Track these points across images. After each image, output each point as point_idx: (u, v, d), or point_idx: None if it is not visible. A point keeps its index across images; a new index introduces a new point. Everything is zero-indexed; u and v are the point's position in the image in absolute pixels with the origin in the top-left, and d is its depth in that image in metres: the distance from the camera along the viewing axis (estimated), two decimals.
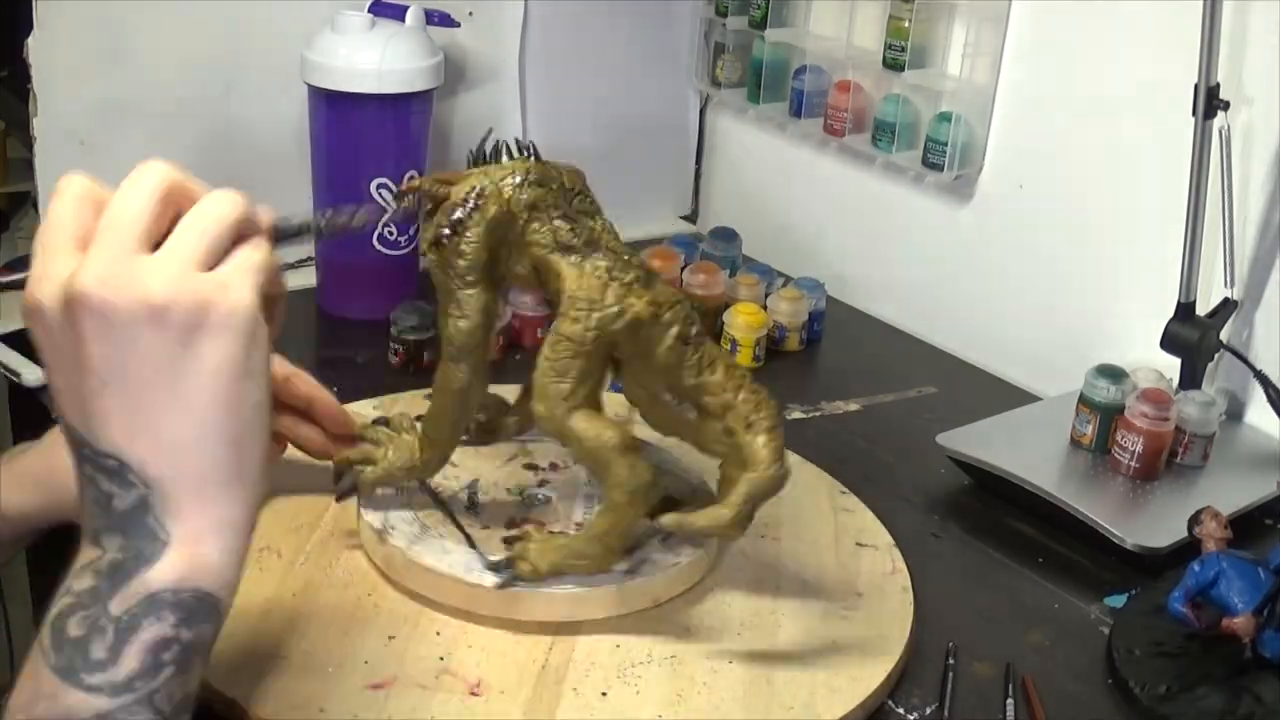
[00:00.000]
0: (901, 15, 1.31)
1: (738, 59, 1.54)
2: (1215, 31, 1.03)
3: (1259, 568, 0.84)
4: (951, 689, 0.83)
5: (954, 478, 1.08)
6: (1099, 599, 0.94)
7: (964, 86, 1.31)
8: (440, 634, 0.80)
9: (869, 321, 1.42)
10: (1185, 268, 1.09)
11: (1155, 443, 1.04)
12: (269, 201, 0.63)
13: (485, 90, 1.45)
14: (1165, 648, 0.86)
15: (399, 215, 0.87)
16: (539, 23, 1.45)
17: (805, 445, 1.08)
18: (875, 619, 0.86)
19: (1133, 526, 0.97)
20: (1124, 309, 1.22)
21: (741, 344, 1.25)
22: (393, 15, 1.26)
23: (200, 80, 1.28)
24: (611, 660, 0.79)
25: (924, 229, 1.40)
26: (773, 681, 0.79)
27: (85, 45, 1.21)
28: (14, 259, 1.40)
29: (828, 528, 0.96)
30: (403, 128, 1.27)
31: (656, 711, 0.76)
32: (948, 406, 1.20)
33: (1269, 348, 1.12)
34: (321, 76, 1.23)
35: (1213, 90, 1.05)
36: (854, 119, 1.41)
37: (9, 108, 1.45)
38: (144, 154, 0.71)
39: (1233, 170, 1.07)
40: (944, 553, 0.99)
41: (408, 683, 0.76)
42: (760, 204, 1.57)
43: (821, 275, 1.37)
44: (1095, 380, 1.07)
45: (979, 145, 1.32)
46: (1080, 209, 1.25)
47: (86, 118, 1.23)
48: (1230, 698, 0.81)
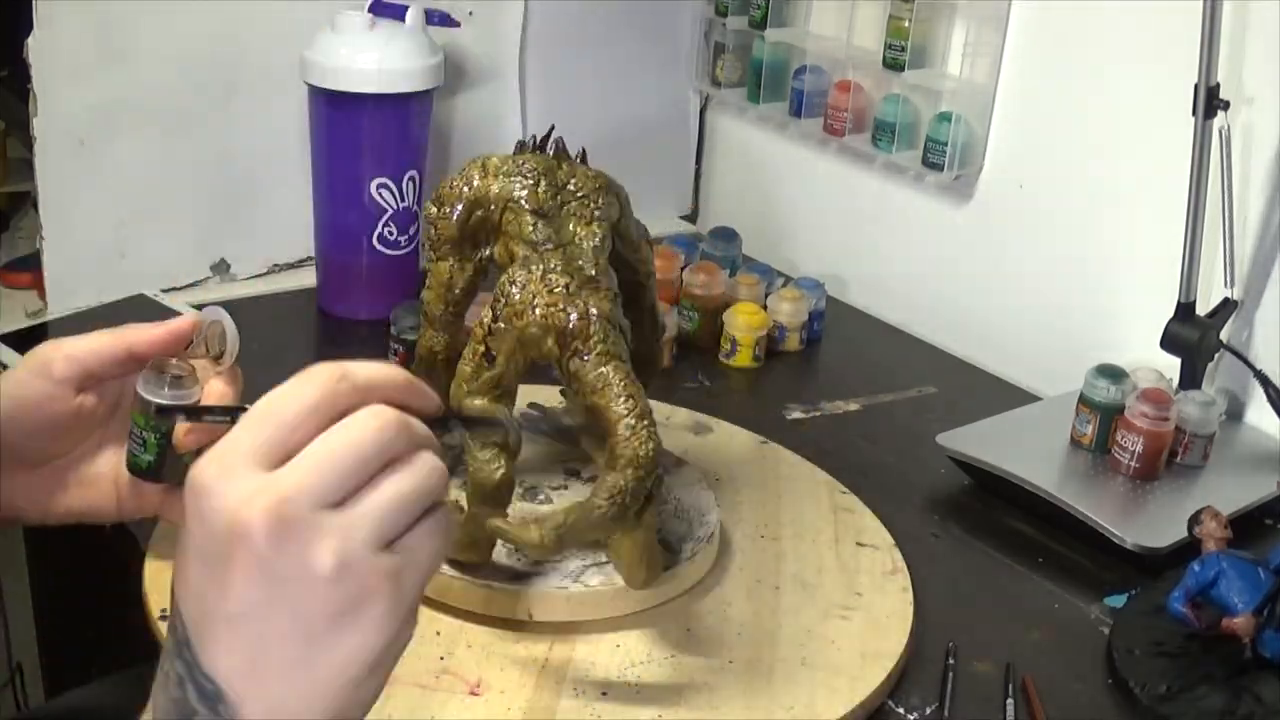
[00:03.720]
0: (901, 15, 1.31)
1: (738, 59, 1.54)
2: (1215, 31, 1.03)
3: (1259, 568, 0.84)
4: (951, 689, 0.83)
5: (954, 478, 1.08)
6: (1099, 599, 0.94)
7: (964, 86, 1.31)
8: (440, 634, 0.80)
9: (869, 321, 1.42)
10: (1185, 268, 1.09)
11: (1155, 443, 1.04)
12: (269, 201, 0.63)
13: (485, 90, 1.45)
14: (1165, 648, 0.86)
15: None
16: (539, 23, 1.45)
17: (805, 445, 1.08)
18: (875, 619, 0.86)
19: (1133, 526, 0.97)
20: (1124, 309, 1.22)
21: (741, 344, 1.25)
22: (393, 15, 1.26)
23: (200, 80, 1.28)
24: (611, 660, 0.79)
25: (924, 229, 1.40)
26: (773, 681, 0.79)
27: (85, 45, 1.21)
28: (14, 259, 1.40)
29: (828, 528, 0.96)
30: (403, 128, 1.27)
31: (656, 712, 0.76)
32: (948, 406, 1.20)
33: (1269, 348, 1.12)
34: (321, 76, 1.23)
35: (1213, 90, 1.05)
36: (854, 119, 1.41)
37: (9, 108, 1.45)
38: (144, 154, 0.71)
39: (1233, 170, 1.07)
40: (944, 553, 0.99)
41: (408, 683, 0.76)
42: (760, 204, 1.57)
43: (821, 275, 1.37)
44: (1095, 380, 1.07)
45: (979, 145, 1.32)
46: (1080, 209, 1.25)
47: (86, 118, 1.23)
48: (1230, 698, 0.81)
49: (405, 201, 1.29)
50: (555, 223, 0.80)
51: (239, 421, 0.51)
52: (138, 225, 1.28)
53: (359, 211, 1.28)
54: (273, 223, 1.36)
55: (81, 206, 1.25)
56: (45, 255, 1.24)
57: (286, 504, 0.49)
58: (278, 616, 0.50)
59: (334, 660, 0.51)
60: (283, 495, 0.49)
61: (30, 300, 1.30)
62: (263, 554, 0.49)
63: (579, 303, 0.77)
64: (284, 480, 0.50)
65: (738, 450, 1.06)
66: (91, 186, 1.25)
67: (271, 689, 0.51)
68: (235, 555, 0.49)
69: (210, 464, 0.50)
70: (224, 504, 0.49)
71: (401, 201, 1.28)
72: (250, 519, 0.49)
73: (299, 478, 0.50)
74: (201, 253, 1.34)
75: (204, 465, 0.50)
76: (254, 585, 0.49)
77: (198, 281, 1.33)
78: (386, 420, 0.51)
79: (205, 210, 1.32)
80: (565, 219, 0.81)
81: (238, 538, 0.49)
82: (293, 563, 0.49)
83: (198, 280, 1.33)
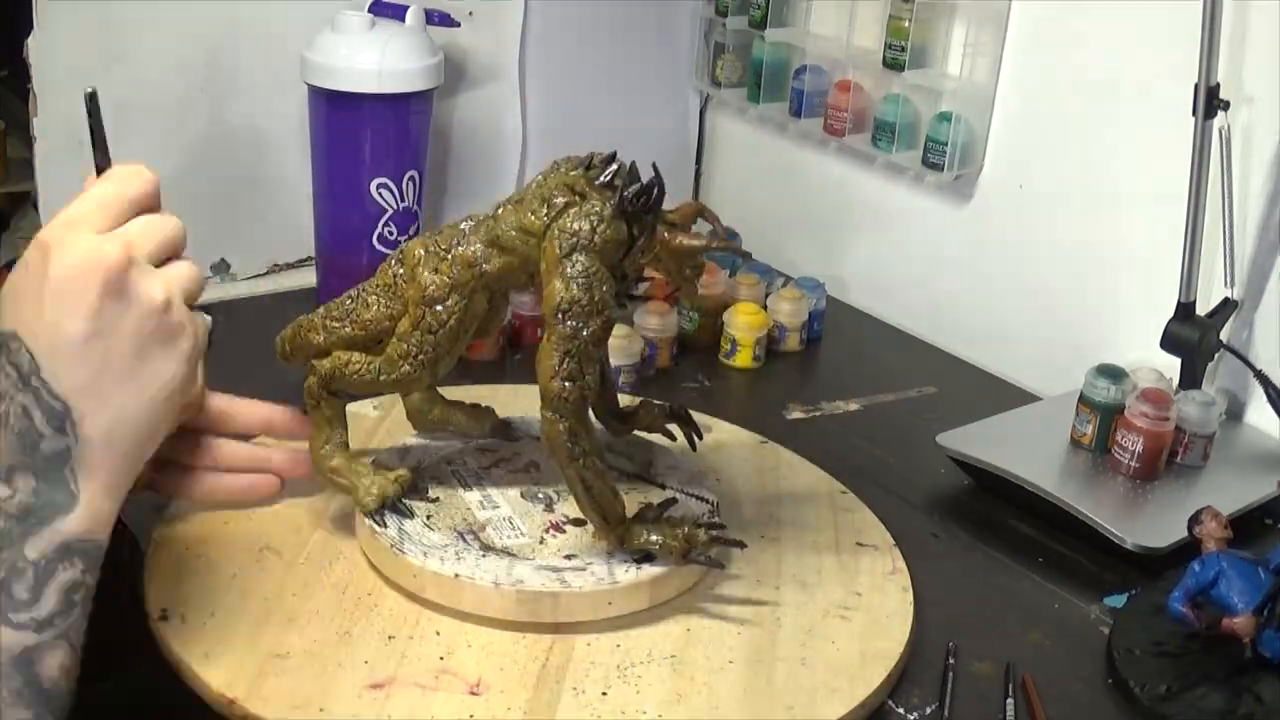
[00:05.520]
0: (901, 15, 1.31)
1: (738, 59, 1.54)
2: (1215, 31, 1.03)
3: (1259, 568, 0.84)
4: (951, 689, 0.83)
5: (954, 478, 1.08)
6: (1099, 599, 0.94)
7: (964, 86, 1.31)
8: (440, 634, 0.80)
9: (869, 321, 1.42)
10: (1185, 268, 1.09)
11: (1155, 443, 1.04)
12: (269, 201, 0.67)
13: (485, 90, 1.45)
14: (1165, 648, 0.86)
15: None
16: (539, 23, 1.45)
17: (805, 445, 1.08)
18: (875, 619, 0.86)
19: (1133, 526, 0.97)
20: (1124, 309, 1.22)
21: (741, 344, 1.25)
22: (393, 15, 1.26)
23: (200, 80, 1.28)
24: (611, 660, 0.79)
25: (924, 229, 1.40)
26: (773, 681, 0.79)
27: (85, 45, 1.21)
28: (14, 259, 1.40)
29: (828, 528, 0.96)
30: (403, 128, 1.27)
31: (656, 711, 0.76)
32: (948, 406, 1.20)
33: (1269, 348, 1.12)
34: (321, 76, 1.23)
35: (1213, 90, 1.05)
36: (854, 119, 1.41)
37: (9, 108, 1.45)
38: (144, 154, 0.72)
39: (1233, 170, 1.07)
40: (944, 553, 0.99)
41: (408, 683, 0.76)
42: (760, 204, 1.57)
43: (821, 275, 1.37)
44: (1095, 380, 1.07)
45: (979, 145, 1.32)
46: (1080, 209, 1.25)
47: (87, 118, 1.22)
48: (1230, 698, 0.81)
49: (405, 201, 1.29)
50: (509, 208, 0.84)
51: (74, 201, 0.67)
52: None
53: (359, 211, 1.28)
54: (273, 223, 1.36)
55: None
56: None
57: (133, 247, 0.65)
58: (121, 337, 0.64)
59: (157, 378, 0.67)
60: (130, 240, 0.65)
61: None
62: (118, 281, 0.64)
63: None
64: (130, 232, 0.66)
65: (738, 450, 1.06)
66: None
67: (111, 401, 0.65)
68: (95, 282, 0.63)
69: (59, 225, 0.65)
70: (85, 244, 0.64)
71: (401, 201, 1.28)
72: (111, 253, 0.64)
73: (138, 235, 0.66)
74: (201, 253, 1.31)
75: (53, 226, 0.65)
76: (109, 307, 0.63)
77: None
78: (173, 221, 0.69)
79: (205, 210, 1.32)
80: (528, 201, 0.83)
81: (99, 268, 0.63)
82: (138, 291, 0.65)
83: None
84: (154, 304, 0.65)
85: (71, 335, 0.63)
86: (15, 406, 0.63)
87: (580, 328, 0.78)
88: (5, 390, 0.63)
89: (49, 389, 0.63)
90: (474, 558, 0.83)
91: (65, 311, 0.63)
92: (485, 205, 0.85)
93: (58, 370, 0.63)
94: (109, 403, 0.65)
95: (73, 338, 0.63)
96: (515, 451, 0.97)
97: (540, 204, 0.81)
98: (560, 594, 0.81)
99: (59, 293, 0.63)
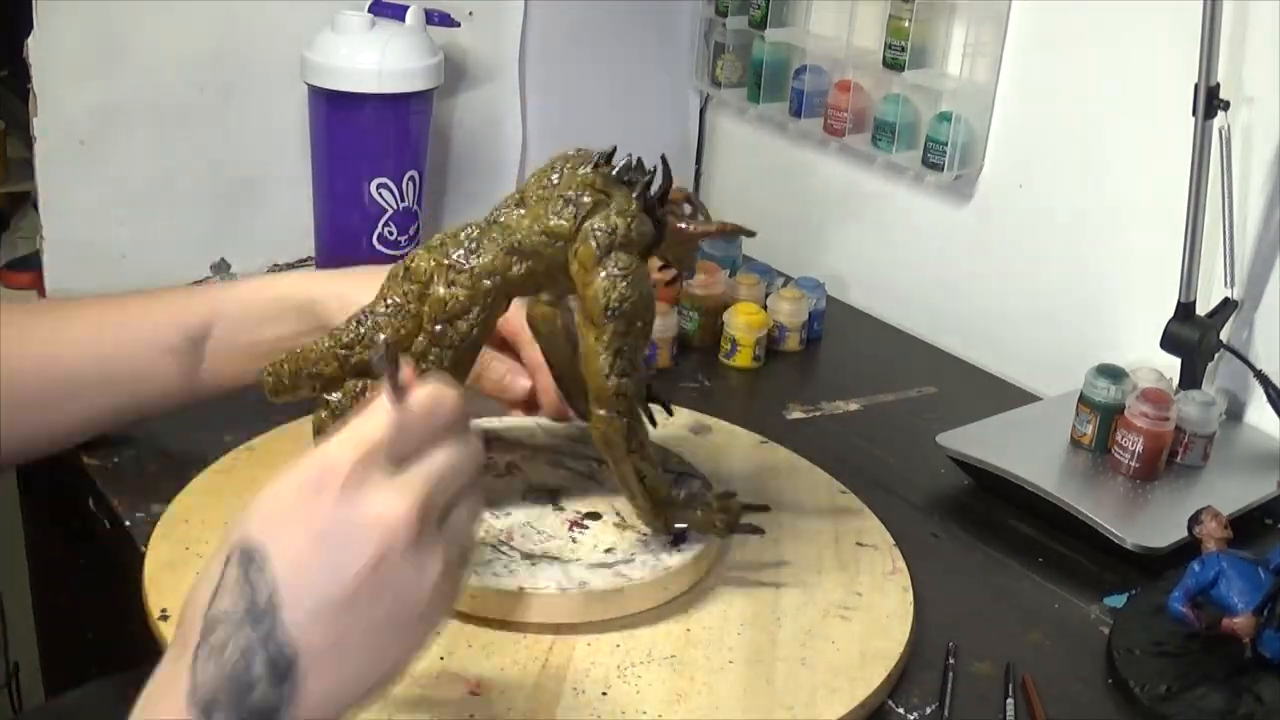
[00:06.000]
0: (901, 15, 1.31)
1: (738, 59, 1.54)
2: (1215, 31, 1.03)
3: (1259, 568, 0.84)
4: (951, 689, 0.83)
5: (954, 478, 1.08)
6: (1099, 599, 0.94)
7: (964, 86, 1.31)
8: (440, 634, 0.80)
9: (869, 321, 1.42)
10: (1185, 268, 1.09)
11: (1155, 443, 1.04)
12: (269, 201, 0.64)
13: (485, 90, 1.45)
14: (1165, 648, 0.86)
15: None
16: (539, 23, 1.45)
17: (805, 445, 1.08)
18: (875, 619, 0.86)
19: (1133, 526, 0.97)
20: (1124, 309, 1.22)
21: (741, 344, 1.25)
22: (393, 15, 1.26)
23: (200, 80, 1.28)
24: (611, 660, 0.79)
25: (924, 229, 1.40)
26: (773, 681, 0.79)
27: (85, 45, 1.21)
28: (14, 259, 1.40)
29: (828, 528, 0.96)
30: (403, 128, 1.27)
31: (656, 711, 0.76)
32: (948, 406, 1.20)
33: (1269, 348, 1.12)
34: (321, 76, 1.23)
35: (1213, 90, 1.05)
36: (854, 119, 1.41)
37: (9, 108, 1.45)
38: (144, 154, 0.71)
39: (1233, 170, 1.07)
40: (944, 553, 0.99)
41: (408, 683, 0.76)
42: (760, 204, 1.57)
43: (821, 275, 1.37)
44: (1095, 380, 1.07)
45: (979, 145, 1.32)
46: (1080, 209, 1.25)
47: (86, 118, 1.23)
48: (1230, 698, 0.81)
49: (405, 201, 1.29)
50: (501, 213, 0.83)
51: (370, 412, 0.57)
52: (138, 225, 1.28)
53: (359, 211, 1.28)
54: (273, 223, 1.36)
55: (81, 206, 1.25)
56: (45, 255, 1.24)
57: (428, 505, 0.56)
58: (381, 608, 0.55)
59: (398, 654, 0.57)
60: (427, 496, 0.56)
61: (30, 300, 1.30)
62: (401, 554, 0.55)
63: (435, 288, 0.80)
64: (419, 490, 0.56)
65: (738, 450, 1.06)
66: (91, 186, 1.25)
67: (343, 671, 0.55)
68: (373, 551, 0.54)
69: (351, 449, 0.55)
70: (380, 503, 0.55)
71: (401, 201, 1.28)
72: (403, 519, 0.55)
73: (437, 487, 0.56)
74: (201, 252, 1.34)
75: (345, 445, 0.56)
76: (380, 578, 0.55)
77: (198, 281, 1.33)
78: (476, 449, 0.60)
79: (205, 210, 1.32)
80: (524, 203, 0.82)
81: (386, 535, 0.55)
82: (421, 563, 0.56)
83: (198, 280, 1.33)
84: (431, 579, 0.56)
85: (329, 596, 0.54)
86: (238, 641, 0.54)
87: (631, 324, 0.78)
88: (231, 613, 0.54)
89: (282, 634, 0.54)
90: (525, 568, 0.83)
91: (334, 565, 0.54)
92: (485, 205, 0.85)
93: (300, 621, 0.54)
94: (338, 674, 0.55)
95: (329, 598, 0.54)
96: (489, 457, 0.96)
97: (564, 205, 0.79)
98: (624, 589, 0.82)
99: (334, 546, 0.55)
